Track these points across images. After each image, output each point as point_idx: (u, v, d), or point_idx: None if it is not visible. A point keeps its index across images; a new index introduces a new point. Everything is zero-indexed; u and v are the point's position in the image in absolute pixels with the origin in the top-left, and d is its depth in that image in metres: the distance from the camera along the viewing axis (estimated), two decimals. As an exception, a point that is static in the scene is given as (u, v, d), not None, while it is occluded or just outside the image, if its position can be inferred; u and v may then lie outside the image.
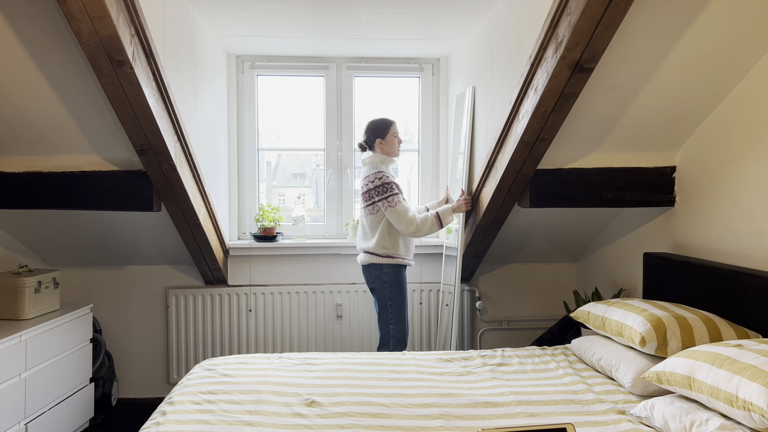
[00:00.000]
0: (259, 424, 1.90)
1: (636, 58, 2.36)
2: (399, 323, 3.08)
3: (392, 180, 3.08)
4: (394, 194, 3.04)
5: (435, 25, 3.24)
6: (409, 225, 3.02)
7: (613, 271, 3.43)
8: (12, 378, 2.57)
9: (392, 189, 3.04)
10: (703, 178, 2.68)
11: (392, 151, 3.18)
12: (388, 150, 3.17)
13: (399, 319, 3.08)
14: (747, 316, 2.24)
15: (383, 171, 3.10)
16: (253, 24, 3.21)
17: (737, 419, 1.64)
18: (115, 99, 2.38)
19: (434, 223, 3.06)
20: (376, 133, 3.15)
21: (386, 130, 3.16)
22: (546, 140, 2.64)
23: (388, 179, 3.06)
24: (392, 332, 3.08)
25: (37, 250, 3.44)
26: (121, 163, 2.87)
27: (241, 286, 3.65)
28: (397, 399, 2.11)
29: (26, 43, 2.27)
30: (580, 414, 1.98)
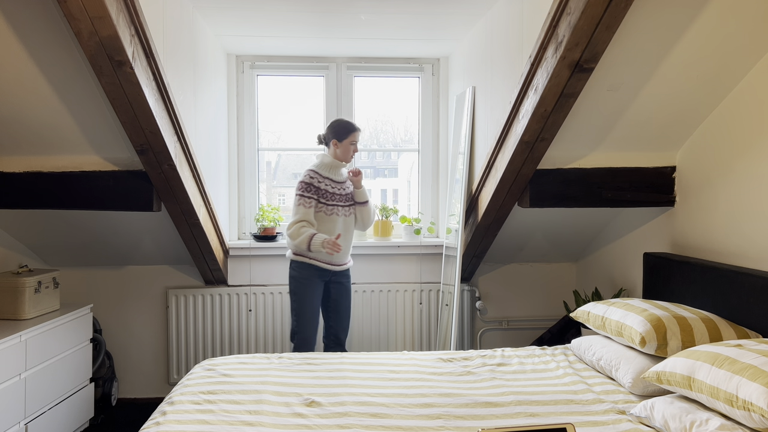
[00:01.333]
0: (259, 424, 1.90)
1: (636, 58, 2.36)
2: (298, 321, 3.11)
3: (310, 182, 3.08)
4: (299, 195, 3.07)
5: (435, 25, 3.24)
6: (288, 228, 3.05)
7: (613, 271, 3.43)
8: (12, 378, 2.57)
9: (301, 189, 3.07)
10: (703, 178, 2.68)
11: (344, 157, 3.16)
12: (340, 154, 3.15)
13: (298, 316, 3.11)
14: (747, 316, 2.24)
15: (314, 171, 3.12)
16: (253, 24, 3.21)
17: (737, 419, 1.64)
18: (115, 99, 2.38)
19: (305, 241, 2.99)
20: (335, 133, 3.13)
21: (346, 135, 3.13)
22: (546, 140, 2.64)
23: (307, 179, 3.09)
24: (294, 328, 3.13)
25: (37, 250, 3.44)
26: (121, 163, 2.87)
27: (241, 286, 3.65)
28: (397, 399, 2.11)
29: (26, 43, 2.27)
30: (580, 414, 1.98)
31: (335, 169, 3.17)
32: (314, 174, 3.12)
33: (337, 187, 3.16)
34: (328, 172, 3.15)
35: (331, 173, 3.16)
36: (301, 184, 3.09)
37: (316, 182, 3.10)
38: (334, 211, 3.12)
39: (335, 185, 3.16)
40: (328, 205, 3.12)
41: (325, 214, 3.11)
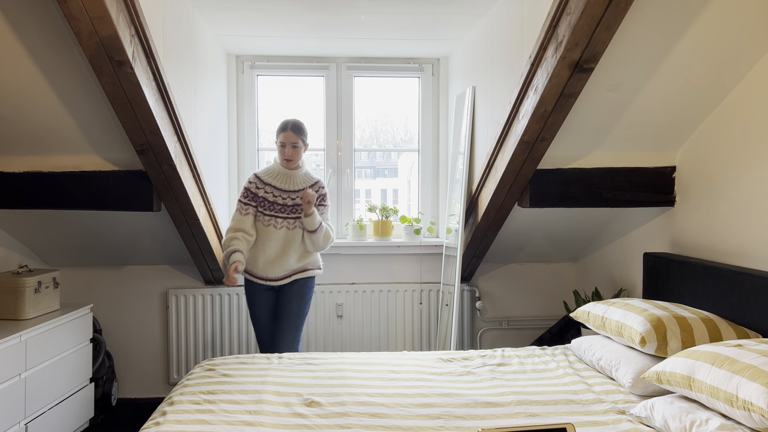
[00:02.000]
0: (259, 424, 1.90)
1: (636, 58, 2.36)
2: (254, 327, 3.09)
3: (248, 187, 2.96)
4: (238, 200, 2.97)
5: (435, 25, 3.24)
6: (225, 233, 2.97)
7: (613, 271, 3.43)
8: (12, 378, 2.57)
9: (240, 194, 2.97)
10: (703, 178, 2.68)
11: (280, 160, 2.98)
12: (277, 157, 3.00)
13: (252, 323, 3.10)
14: (747, 316, 2.24)
15: (255, 175, 2.98)
16: (253, 24, 3.21)
17: (737, 419, 1.64)
18: (115, 99, 2.38)
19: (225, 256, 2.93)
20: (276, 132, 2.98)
21: (276, 135, 2.97)
22: (546, 140, 2.64)
23: (246, 184, 2.97)
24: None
25: (37, 250, 3.44)
26: (121, 163, 2.87)
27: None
28: (397, 399, 2.11)
29: (26, 43, 2.27)
30: (580, 414, 1.98)
31: (281, 176, 2.96)
32: (254, 179, 2.97)
33: (279, 196, 2.94)
34: (272, 178, 2.96)
35: (276, 180, 2.95)
36: (241, 189, 2.98)
37: (254, 188, 2.94)
38: (271, 222, 2.93)
39: (278, 193, 2.94)
40: (264, 214, 2.93)
41: (262, 224, 2.95)
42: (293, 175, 2.96)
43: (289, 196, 2.94)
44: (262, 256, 2.96)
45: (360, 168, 4.07)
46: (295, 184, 2.97)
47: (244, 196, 2.94)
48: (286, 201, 2.94)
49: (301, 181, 2.99)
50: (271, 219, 2.92)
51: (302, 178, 3.00)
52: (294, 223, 2.94)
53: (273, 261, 2.96)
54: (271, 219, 2.92)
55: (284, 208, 2.93)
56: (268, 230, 2.93)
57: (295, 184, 2.97)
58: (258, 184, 2.94)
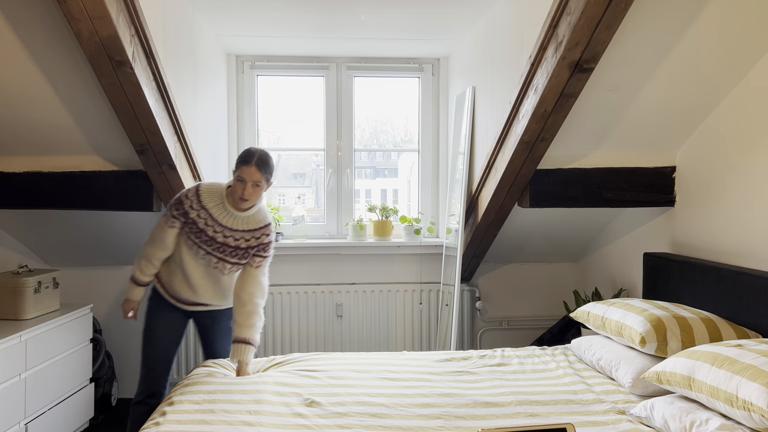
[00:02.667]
0: (259, 424, 1.90)
1: (636, 58, 2.36)
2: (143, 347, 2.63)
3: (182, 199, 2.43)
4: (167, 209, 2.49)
5: (435, 25, 3.24)
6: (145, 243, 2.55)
7: (613, 271, 3.43)
8: (12, 378, 2.57)
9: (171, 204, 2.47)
10: (703, 178, 2.68)
11: (232, 197, 2.42)
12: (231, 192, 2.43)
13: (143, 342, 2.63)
14: (747, 316, 2.24)
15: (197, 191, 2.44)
16: (253, 24, 3.21)
17: (737, 419, 1.64)
18: (115, 99, 2.38)
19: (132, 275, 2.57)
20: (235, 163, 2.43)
21: (236, 167, 2.39)
22: (546, 140, 2.64)
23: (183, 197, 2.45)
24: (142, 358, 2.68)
25: (37, 250, 3.44)
26: (121, 163, 2.87)
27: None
28: (397, 399, 2.11)
29: (26, 43, 2.27)
30: (580, 414, 1.98)
31: (224, 209, 2.44)
32: (193, 196, 2.43)
33: (212, 226, 2.43)
34: (213, 204, 2.43)
35: (216, 209, 2.43)
36: (174, 199, 2.48)
37: (189, 206, 2.41)
38: (193, 248, 2.46)
39: (211, 223, 2.43)
40: (189, 238, 2.45)
41: (187, 246, 2.47)
42: (239, 216, 2.45)
43: (223, 231, 2.43)
44: (179, 279, 2.55)
45: (360, 168, 4.07)
46: (236, 223, 2.45)
47: (175, 208, 2.44)
48: (216, 236, 2.43)
49: (248, 221, 2.47)
50: (194, 246, 2.45)
51: (250, 218, 2.47)
52: (217, 263, 2.47)
53: (190, 288, 2.55)
54: (194, 246, 2.45)
55: (212, 243, 2.44)
56: (191, 255, 2.48)
57: (237, 222, 2.45)
58: (194, 203, 2.41)
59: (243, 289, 2.49)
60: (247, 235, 2.46)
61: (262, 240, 2.49)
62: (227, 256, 2.46)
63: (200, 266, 2.50)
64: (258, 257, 2.50)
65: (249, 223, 2.47)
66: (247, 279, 2.50)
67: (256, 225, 2.48)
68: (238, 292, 2.50)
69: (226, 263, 2.48)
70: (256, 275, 2.51)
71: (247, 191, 2.35)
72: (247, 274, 2.51)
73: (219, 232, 2.43)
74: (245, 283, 2.50)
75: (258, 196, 2.40)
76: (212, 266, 2.48)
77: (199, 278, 2.52)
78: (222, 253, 2.45)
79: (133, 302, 2.62)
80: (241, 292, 2.49)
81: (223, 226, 2.43)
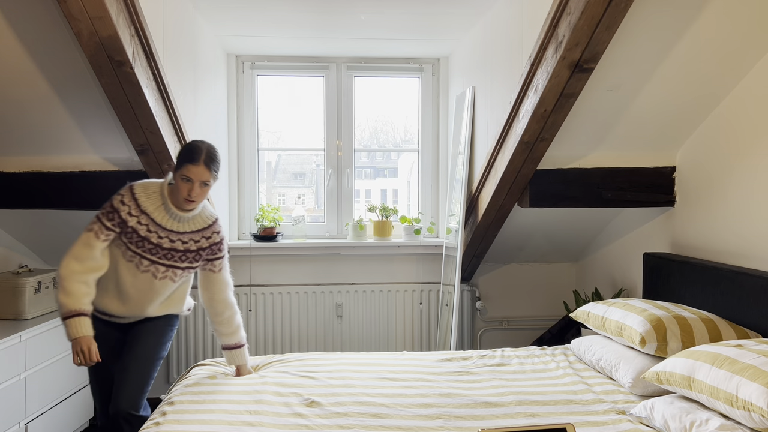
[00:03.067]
0: (259, 424, 1.90)
1: (636, 58, 2.36)
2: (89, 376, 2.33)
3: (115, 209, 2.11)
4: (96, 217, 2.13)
5: (435, 25, 3.24)
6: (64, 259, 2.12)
7: (613, 271, 3.43)
8: (12, 378, 2.57)
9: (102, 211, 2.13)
10: (703, 178, 2.68)
11: (174, 196, 2.15)
12: (174, 187, 2.15)
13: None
14: (747, 316, 2.24)
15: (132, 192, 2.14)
16: (253, 24, 3.21)
17: (737, 419, 1.64)
18: (115, 99, 2.38)
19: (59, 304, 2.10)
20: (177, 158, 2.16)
21: (179, 165, 2.12)
22: (546, 140, 2.64)
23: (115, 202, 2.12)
24: None
25: (37, 250, 3.44)
26: (121, 163, 2.87)
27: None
28: (397, 399, 2.11)
29: (26, 43, 2.27)
30: (580, 414, 1.98)
31: (167, 212, 2.17)
32: (129, 201, 2.12)
33: (155, 233, 2.15)
34: (153, 207, 2.15)
35: (158, 213, 2.15)
36: (105, 206, 2.14)
37: (126, 213, 2.11)
38: (134, 260, 2.15)
39: (154, 229, 2.15)
40: (129, 248, 2.14)
41: (122, 256, 2.15)
42: (184, 217, 2.20)
43: (168, 236, 2.17)
44: (111, 294, 2.22)
45: (360, 168, 4.07)
46: (182, 225, 2.20)
47: (108, 217, 2.11)
48: (162, 242, 2.16)
49: (194, 221, 2.23)
50: (135, 257, 2.15)
51: (196, 218, 2.24)
52: (166, 272, 2.19)
53: (125, 303, 2.23)
54: (135, 257, 2.15)
55: (157, 250, 2.16)
56: (129, 268, 2.17)
57: (183, 224, 2.20)
58: (132, 210, 2.12)
59: (214, 298, 2.32)
60: (196, 236, 2.23)
61: (213, 239, 2.26)
62: (177, 262, 2.21)
63: (142, 279, 2.18)
64: (216, 260, 2.30)
65: (195, 222, 2.23)
66: (215, 286, 2.31)
67: (204, 224, 2.25)
68: (210, 303, 2.32)
69: (176, 269, 2.21)
70: (221, 279, 2.32)
71: (194, 192, 2.11)
72: (212, 282, 2.31)
73: (164, 238, 2.16)
74: (215, 292, 2.31)
75: (205, 195, 2.17)
76: (159, 277, 2.19)
77: (140, 293, 2.20)
78: (170, 260, 2.19)
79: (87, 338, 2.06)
80: (213, 303, 2.32)
81: (168, 230, 2.17)
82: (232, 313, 2.34)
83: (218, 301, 2.32)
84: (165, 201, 2.16)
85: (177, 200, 2.14)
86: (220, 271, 2.32)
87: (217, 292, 2.32)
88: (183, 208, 2.16)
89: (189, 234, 2.21)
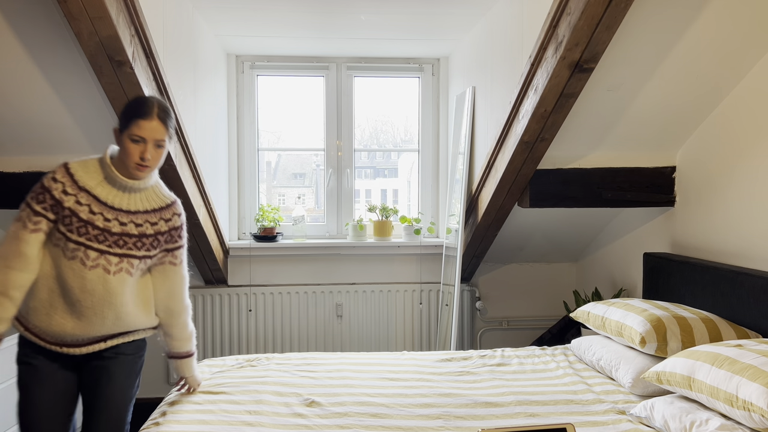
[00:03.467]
0: (259, 424, 1.90)
1: (636, 58, 2.36)
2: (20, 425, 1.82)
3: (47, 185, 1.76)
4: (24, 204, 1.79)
5: (435, 25, 3.24)
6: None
7: (613, 271, 3.43)
8: (12, 378, 2.56)
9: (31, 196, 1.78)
10: (703, 178, 2.68)
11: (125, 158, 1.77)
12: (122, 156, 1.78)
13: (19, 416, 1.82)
14: (747, 316, 2.24)
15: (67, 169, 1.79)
16: (253, 24, 3.21)
17: (737, 419, 1.64)
18: (115, 99, 2.38)
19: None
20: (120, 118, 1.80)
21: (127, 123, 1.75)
22: (546, 140, 2.64)
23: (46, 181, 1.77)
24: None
25: (37, 250, 3.44)
26: (121, 163, 2.86)
27: (241, 286, 3.65)
28: (396, 399, 2.11)
29: (26, 43, 2.27)
30: (580, 414, 1.98)
31: (114, 185, 1.78)
32: (63, 176, 1.76)
33: (101, 213, 1.76)
34: (96, 182, 1.77)
35: (102, 188, 1.77)
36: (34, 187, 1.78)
37: (60, 191, 1.74)
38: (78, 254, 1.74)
39: (100, 209, 1.76)
40: (69, 240, 1.73)
41: (62, 254, 1.74)
42: (136, 187, 1.81)
43: (117, 217, 1.77)
44: (59, 311, 1.76)
45: (360, 168, 4.07)
46: (134, 201, 1.82)
47: (37, 200, 1.74)
48: (110, 225, 1.76)
49: (148, 198, 1.86)
50: (78, 249, 1.73)
51: (150, 194, 1.87)
52: (120, 263, 1.78)
53: (81, 318, 1.77)
54: (78, 249, 1.73)
55: (105, 237, 1.75)
56: (74, 268, 1.74)
57: (134, 200, 1.82)
58: (68, 187, 1.75)
59: (171, 297, 1.95)
60: (153, 217, 1.84)
61: (173, 222, 1.90)
62: (131, 249, 1.79)
63: (93, 279, 1.75)
64: (174, 249, 1.93)
65: (150, 200, 1.86)
66: (175, 283, 1.95)
67: (161, 202, 1.89)
68: (165, 302, 1.94)
69: (132, 259, 1.80)
70: (179, 273, 1.96)
71: (148, 153, 1.74)
72: (169, 276, 1.93)
73: (112, 220, 1.76)
74: (172, 289, 1.94)
75: (160, 160, 1.82)
76: (113, 272, 1.76)
77: (95, 297, 1.76)
78: (123, 248, 1.78)
79: None
80: (170, 302, 1.95)
81: (116, 210, 1.77)
82: (186, 318, 2.00)
83: (176, 301, 1.96)
84: (109, 173, 1.78)
85: (127, 168, 1.77)
86: (181, 263, 1.96)
87: (176, 289, 1.95)
88: (134, 176, 1.78)
89: (143, 214, 1.82)
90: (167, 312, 1.96)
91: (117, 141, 1.79)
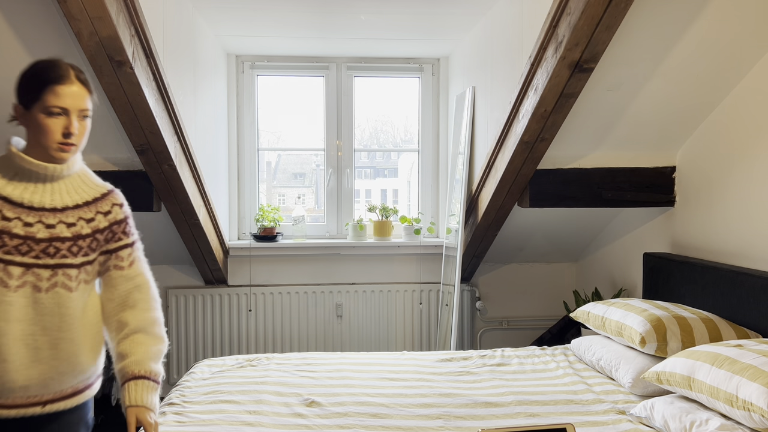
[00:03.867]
0: (259, 424, 1.90)
1: (636, 58, 2.35)
2: None
3: None
4: None
5: (435, 25, 3.24)
6: None
7: (613, 271, 3.43)
8: None
9: None
10: (703, 178, 2.68)
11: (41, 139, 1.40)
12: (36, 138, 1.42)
13: None
14: (747, 316, 2.24)
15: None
16: (253, 24, 3.21)
17: (737, 419, 1.64)
18: (115, 99, 2.38)
19: None
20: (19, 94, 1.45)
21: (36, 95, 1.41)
22: (546, 140, 2.64)
23: None
24: None
25: (37, 250, 3.44)
26: (121, 163, 2.86)
27: (241, 286, 3.65)
28: (396, 399, 2.11)
29: (26, 43, 2.27)
30: (580, 414, 1.98)
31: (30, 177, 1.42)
32: None
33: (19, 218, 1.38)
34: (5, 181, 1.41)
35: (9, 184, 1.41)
36: None
37: None
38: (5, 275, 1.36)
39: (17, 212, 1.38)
40: None
41: None
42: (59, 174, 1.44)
43: (41, 218, 1.40)
44: None
45: (360, 168, 4.07)
46: (58, 194, 1.45)
47: None
48: (33, 230, 1.39)
49: (75, 187, 1.49)
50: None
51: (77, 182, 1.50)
52: (53, 277, 1.40)
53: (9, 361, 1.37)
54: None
55: (30, 246, 1.38)
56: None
57: (59, 192, 1.45)
58: None
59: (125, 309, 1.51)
60: (87, 212, 1.47)
61: (114, 215, 1.53)
62: (67, 257, 1.42)
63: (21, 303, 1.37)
64: (117, 250, 1.52)
65: (79, 191, 1.48)
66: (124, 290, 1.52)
67: (95, 193, 1.52)
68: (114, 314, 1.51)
69: (69, 269, 1.42)
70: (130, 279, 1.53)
71: (73, 126, 1.40)
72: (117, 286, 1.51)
73: (35, 224, 1.39)
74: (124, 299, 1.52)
75: (86, 133, 1.48)
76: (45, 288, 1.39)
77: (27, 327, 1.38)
78: (55, 256, 1.40)
79: None
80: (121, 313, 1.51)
81: (37, 210, 1.40)
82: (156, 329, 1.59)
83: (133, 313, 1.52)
84: (21, 164, 1.41)
85: (46, 149, 1.40)
86: (132, 265, 1.53)
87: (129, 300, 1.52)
88: (58, 159, 1.41)
89: (74, 210, 1.44)
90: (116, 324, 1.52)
91: (23, 122, 1.42)
